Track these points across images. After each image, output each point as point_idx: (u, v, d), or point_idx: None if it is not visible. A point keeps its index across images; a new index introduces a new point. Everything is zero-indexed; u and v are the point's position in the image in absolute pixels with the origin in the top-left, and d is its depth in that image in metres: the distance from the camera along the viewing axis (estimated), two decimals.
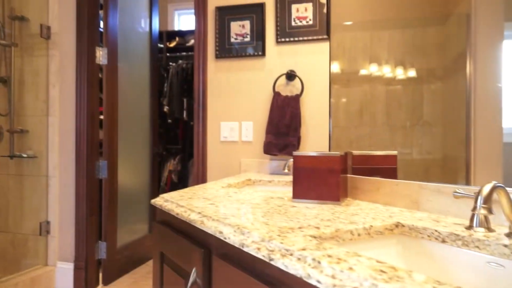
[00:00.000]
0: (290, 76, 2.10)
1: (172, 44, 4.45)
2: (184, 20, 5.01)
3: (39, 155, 2.56)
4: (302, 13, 2.06)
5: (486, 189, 0.69)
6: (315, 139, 2.09)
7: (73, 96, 2.52)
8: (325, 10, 2.03)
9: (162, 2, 4.83)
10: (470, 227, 0.76)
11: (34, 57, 2.58)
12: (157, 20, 3.29)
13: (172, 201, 1.12)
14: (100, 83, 2.68)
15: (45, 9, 2.56)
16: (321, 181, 1.08)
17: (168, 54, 4.48)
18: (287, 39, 2.10)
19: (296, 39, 2.08)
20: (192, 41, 4.40)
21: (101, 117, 2.75)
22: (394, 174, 1.11)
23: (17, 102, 2.59)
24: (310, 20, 2.05)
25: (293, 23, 2.08)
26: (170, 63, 4.33)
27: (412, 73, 1.11)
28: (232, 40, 2.19)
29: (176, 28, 4.93)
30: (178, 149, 4.41)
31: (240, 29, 2.18)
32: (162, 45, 4.40)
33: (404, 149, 1.11)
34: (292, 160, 1.71)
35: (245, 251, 0.73)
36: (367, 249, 0.80)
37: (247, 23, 2.16)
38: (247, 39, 2.17)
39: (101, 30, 2.66)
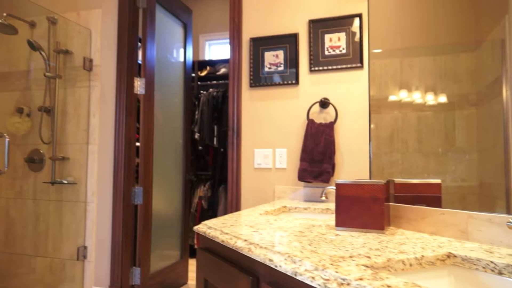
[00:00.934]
0: (324, 103, 2.12)
1: (203, 73, 4.59)
2: (214, 50, 5.17)
3: (78, 182, 2.65)
4: (335, 43, 2.10)
5: None
6: (350, 166, 2.08)
7: (112, 125, 2.62)
8: (356, 39, 2.07)
9: (194, 33, 5.02)
10: None
11: (76, 88, 2.72)
12: (191, 51, 3.42)
13: (215, 228, 1.14)
14: (137, 112, 2.78)
15: (88, 43, 2.72)
16: (364, 209, 1.08)
17: (199, 83, 4.61)
18: (321, 68, 2.14)
19: (329, 67, 2.12)
20: (222, 70, 4.52)
21: (137, 144, 2.83)
22: (439, 203, 1.10)
23: (59, 131, 2.72)
24: (343, 49, 2.09)
25: (326, 52, 2.13)
26: (201, 91, 4.45)
27: (443, 98, 1.11)
28: (266, 69, 2.25)
29: (207, 58, 5.08)
30: (208, 175, 4.46)
31: (273, 58, 2.23)
32: (193, 74, 4.55)
33: (437, 176, 1.10)
34: (329, 187, 1.72)
35: (297, 279, 0.74)
36: (419, 279, 0.79)
37: (280, 53, 2.22)
38: (281, 68, 2.22)
39: (139, 61, 2.78)
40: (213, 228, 1.15)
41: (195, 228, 1.24)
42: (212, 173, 4.42)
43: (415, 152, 1.19)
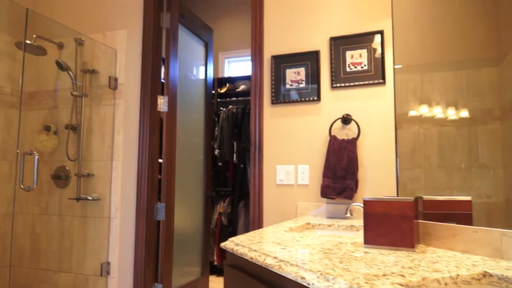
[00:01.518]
0: (346, 120, 2.12)
1: (223, 90, 4.65)
2: (233, 67, 5.25)
3: (102, 198, 2.70)
4: (357, 59, 2.12)
5: None
6: (373, 183, 2.06)
7: (136, 142, 2.68)
8: (377, 55, 2.07)
9: (213, 51, 5.12)
10: None
11: (101, 106, 2.79)
12: (212, 68, 3.48)
13: (243, 245, 1.14)
14: (160, 129, 2.83)
15: (113, 62, 2.80)
16: (394, 227, 1.07)
17: (218, 100, 4.67)
18: (342, 84, 2.14)
19: (351, 84, 2.12)
20: (242, 87, 4.57)
21: (160, 160, 2.88)
22: (469, 221, 1.08)
23: (85, 148, 2.79)
24: (365, 65, 2.10)
25: (347, 69, 2.14)
26: (221, 108, 4.51)
27: (465, 113, 1.11)
28: (288, 86, 2.27)
29: (226, 75, 5.16)
30: (228, 191, 4.48)
31: (295, 75, 2.26)
32: (213, 91, 4.62)
33: (461, 192, 1.09)
34: (353, 204, 1.70)
35: None
36: None
37: (302, 70, 2.24)
38: (302, 85, 2.24)
39: (162, 80, 2.85)
40: (240, 245, 1.16)
41: (222, 244, 1.25)
42: (232, 189, 4.43)
43: (438, 167, 1.18)
